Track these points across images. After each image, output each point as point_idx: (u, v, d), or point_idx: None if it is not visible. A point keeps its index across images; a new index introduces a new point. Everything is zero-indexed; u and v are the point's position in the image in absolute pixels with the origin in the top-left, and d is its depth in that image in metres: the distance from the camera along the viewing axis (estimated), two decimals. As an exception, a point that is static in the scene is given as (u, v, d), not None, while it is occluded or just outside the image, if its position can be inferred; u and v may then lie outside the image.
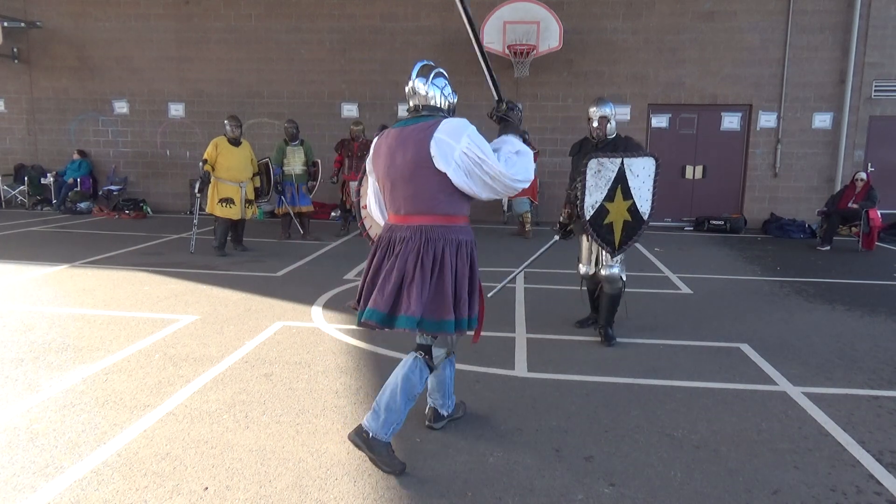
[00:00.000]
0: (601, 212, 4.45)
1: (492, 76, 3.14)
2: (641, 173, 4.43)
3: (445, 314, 2.78)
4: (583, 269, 5.03)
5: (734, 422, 3.45)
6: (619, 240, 4.50)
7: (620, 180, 4.42)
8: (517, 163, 2.82)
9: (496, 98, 3.13)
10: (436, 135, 2.76)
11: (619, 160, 4.41)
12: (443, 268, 2.78)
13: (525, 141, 3.06)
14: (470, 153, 2.73)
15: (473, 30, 3.07)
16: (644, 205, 4.46)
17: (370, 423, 2.88)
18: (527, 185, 2.83)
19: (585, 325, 5.15)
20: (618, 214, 4.46)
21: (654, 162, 4.45)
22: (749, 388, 3.93)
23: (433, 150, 2.74)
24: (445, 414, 3.32)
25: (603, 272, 4.77)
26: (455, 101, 3.06)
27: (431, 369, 2.98)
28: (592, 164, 4.38)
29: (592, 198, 4.44)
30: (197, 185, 8.06)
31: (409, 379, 2.89)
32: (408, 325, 2.78)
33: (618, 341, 4.76)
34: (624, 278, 4.78)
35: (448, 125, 2.78)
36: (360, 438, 2.88)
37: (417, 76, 2.97)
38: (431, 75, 2.97)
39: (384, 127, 3.20)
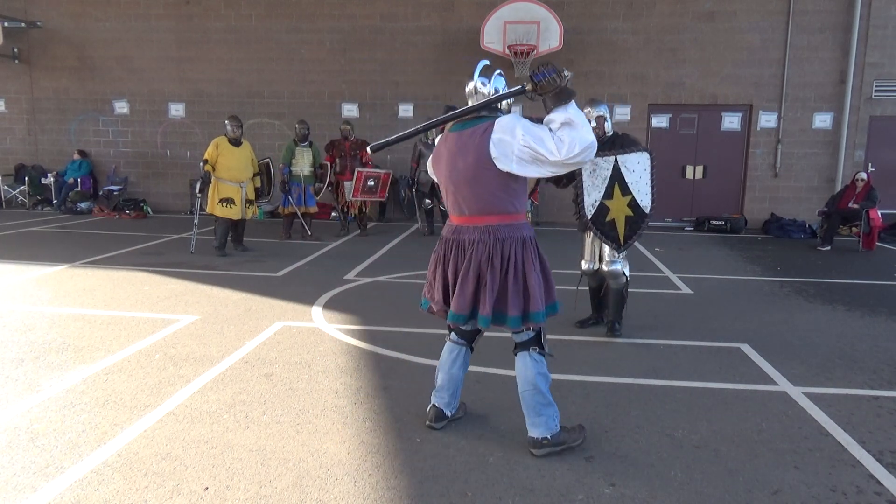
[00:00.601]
0: (602, 210, 4.55)
1: (507, 93, 3.03)
2: (637, 168, 4.52)
3: (513, 310, 2.91)
4: (585, 265, 5.06)
5: (734, 422, 3.45)
6: (623, 235, 4.60)
7: (617, 177, 4.53)
8: (567, 139, 2.70)
9: (518, 91, 2.98)
10: (493, 136, 2.81)
11: (612, 158, 4.52)
12: (512, 265, 2.89)
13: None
14: (527, 145, 2.76)
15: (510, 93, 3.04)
16: (644, 198, 4.56)
17: (538, 430, 3.00)
18: (593, 152, 2.74)
19: (586, 325, 5.16)
20: (619, 211, 4.56)
21: (648, 156, 4.54)
22: (749, 388, 3.93)
23: (494, 152, 2.81)
24: (449, 414, 3.33)
25: (605, 268, 4.83)
26: (513, 100, 3.06)
27: (545, 355, 3.07)
28: (586, 165, 4.43)
29: (591, 197, 4.56)
30: (198, 186, 8.06)
31: (542, 374, 3.03)
32: (484, 324, 2.94)
33: (621, 340, 4.77)
34: (627, 273, 4.85)
35: (501, 124, 2.82)
36: (542, 446, 2.99)
37: (480, 76, 3.01)
38: (493, 76, 3.03)
39: (444, 112, 3.26)
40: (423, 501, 2.65)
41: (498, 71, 3.06)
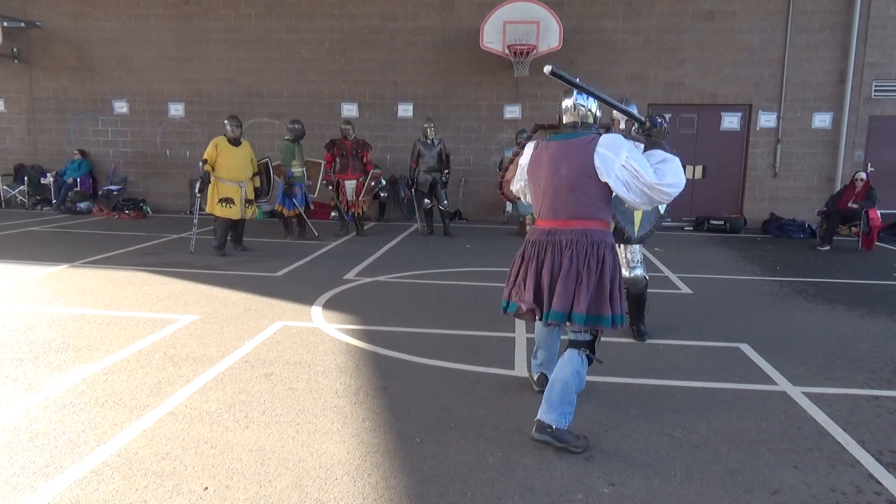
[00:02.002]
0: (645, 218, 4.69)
1: (625, 111, 3.65)
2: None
3: (604, 310, 3.09)
4: None
5: (734, 422, 3.45)
6: (637, 225, 4.61)
7: None
8: (666, 171, 3.08)
9: (639, 121, 3.62)
10: (598, 149, 3.08)
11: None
12: (603, 268, 3.11)
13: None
14: (628, 166, 3.03)
15: (609, 103, 3.48)
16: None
17: (549, 416, 3.08)
18: (679, 190, 3.12)
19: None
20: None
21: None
22: (749, 388, 3.93)
23: (597, 163, 3.07)
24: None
25: (628, 275, 4.79)
26: (601, 115, 3.41)
27: (593, 359, 3.29)
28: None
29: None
30: (197, 186, 8.05)
31: (579, 374, 3.18)
32: (579, 321, 3.10)
33: (621, 340, 4.77)
34: (647, 278, 4.92)
35: (607, 140, 3.10)
36: (546, 433, 3.05)
37: (578, 94, 3.29)
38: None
39: (540, 127, 3.54)
40: (422, 501, 2.65)
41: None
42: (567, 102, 3.32)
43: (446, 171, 10.13)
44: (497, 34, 11.10)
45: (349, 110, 12.52)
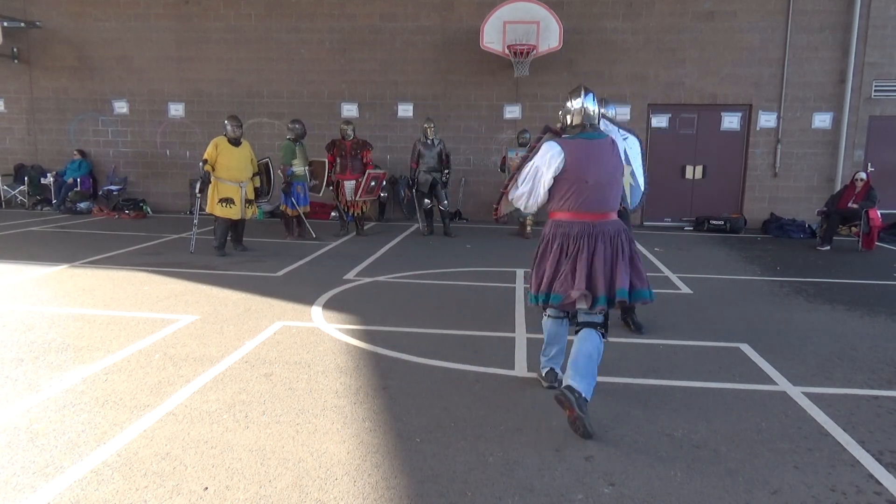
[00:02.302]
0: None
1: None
2: (634, 147, 4.94)
3: (645, 285, 3.49)
4: None
5: (734, 422, 3.45)
6: (630, 199, 4.82)
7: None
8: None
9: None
10: (618, 150, 3.61)
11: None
12: (633, 249, 3.52)
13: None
14: (637, 171, 3.92)
15: None
16: (639, 174, 4.89)
17: (579, 384, 3.26)
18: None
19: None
20: (625, 182, 4.91)
21: (638, 141, 5.04)
22: (749, 388, 3.93)
23: (623, 161, 3.58)
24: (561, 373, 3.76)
25: None
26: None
27: (605, 337, 3.57)
28: None
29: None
30: (197, 186, 8.05)
31: (599, 350, 3.43)
32: (633, 297, 3.45)
33: (621, 340, 4.77)
34: None
35: (617, 143, 3.66)
36: (574, 397, 3.19)
37: (593, 100, 3.58)
38: (598, 100, 3.66)
39: (549, 130, 3.68)
40: (422, 501, 2.65)
41: (599, 97, 3.78)
42: (576, 104, 3.54)
43: (446, 171, 10.13)
44: (497, 34, 11.10)
45: (349, 110, 12.52)
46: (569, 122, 3.58)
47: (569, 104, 3.59)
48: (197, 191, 8.10)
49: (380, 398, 3.69)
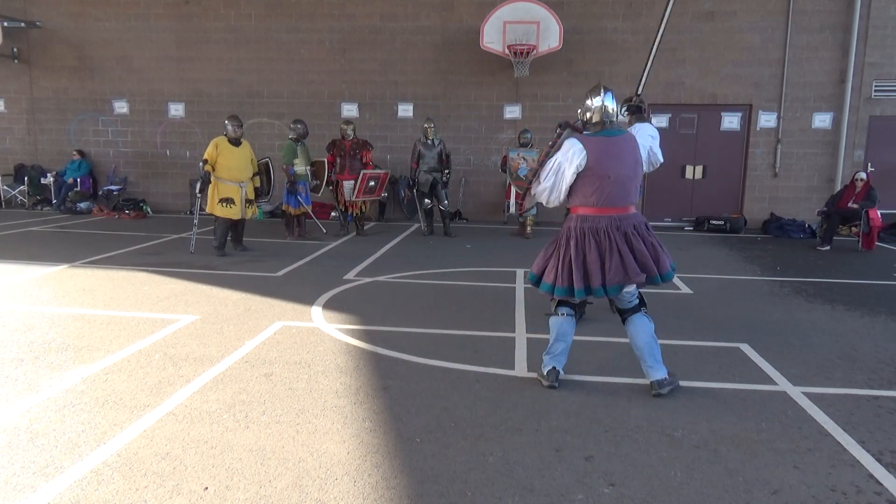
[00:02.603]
0: None
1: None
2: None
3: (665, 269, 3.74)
4: None
5: (734, 422, 3.45)
6: None
7: None
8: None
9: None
10: (639, 143, 3.85)
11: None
12: (655, 239, 3.74)
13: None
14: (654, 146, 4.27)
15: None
16: None
17: (660, 372, 3.73)
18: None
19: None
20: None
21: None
22: (749, 388, 3.93)
23: (643, 157, 3.88)
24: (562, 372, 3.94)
25: None
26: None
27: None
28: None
29: None
30: (198, 186, 8.06)
31: (652, 329, 3.79)
32: (667, 279, 3.72)
33: (621, 340, 4.77)
34: None
35: (644, 129, 4.16)
36: (664, 384, 3.71)
37: (612, 98, 3.73)
38: (616, 100, 3.79)
39: (568, 125, 3.80)
40: (422, 501, 2.65)
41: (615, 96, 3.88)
42: (595, 102, 3.70)
43: (447, 171, 10.13)
44: (497, 34, 11.10)
45: (349, 110, 12.51)
46: (589, 119, 3.72)
47: (589, 102, 3.73)
48: (197, 191, 8.10)
49: (380, 398, 3.69)
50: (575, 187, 3.67)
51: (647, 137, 4.46)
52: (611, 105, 3.69)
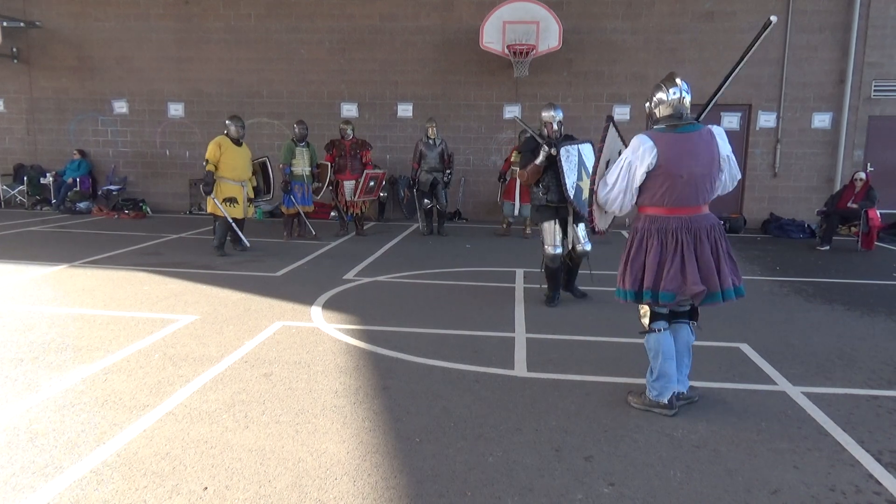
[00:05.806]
0: (579, 191, 5.45)
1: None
2: (590, 156, 5.54)
3: (741, 281, 3.52)
4: (556, 250, 5.71)
5: (734, 422, 3.45)
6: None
7: (581, 163, 5.52)
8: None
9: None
10: (718, 142, 3.42)
11: (576, 147, 5.59)
12: (730, 245, 3.50)
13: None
14: (731, 155, 3.49)
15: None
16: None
17: (688, 382, 3.65)
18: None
19: (555, 303, 5.81)
20: (587, 191, 4.97)
21: (591, 146, 5.65)
22: (749, 388, 3.94)
23: (723, 152, 3.41)
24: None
25: (581, 248, 5.76)
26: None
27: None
28: (562, 152, 5.46)
29: (570, 179, 5.43)
30: (202, 187, 8.09)
31: (691, 341, 3.67)
32: (728, 297, 3.45)
33: (621, 340, 4.77)
34: (589, 249, 5.82)
35: (719, 132, 3.46)
36: (693, 392, 3.65)
37: (688, 90, 3.47)
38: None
39: (611, 119, 3.77)
40: (422, 501, 2.65)
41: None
42: (673, 94, 3.41)
43: (448, 171, 10.13)
44: (497, 34, 11.10)
45: (349, 110, 12.51)
46: (660, 113, 3.45)
47: (661, 95, 3.43)
48: (204, 192, 8.10)
49: (379, 398, 3.69)
50: (643, 186, 3.39)
51: (726, 144, 3.85)
52: (688, 98, 3.40)
